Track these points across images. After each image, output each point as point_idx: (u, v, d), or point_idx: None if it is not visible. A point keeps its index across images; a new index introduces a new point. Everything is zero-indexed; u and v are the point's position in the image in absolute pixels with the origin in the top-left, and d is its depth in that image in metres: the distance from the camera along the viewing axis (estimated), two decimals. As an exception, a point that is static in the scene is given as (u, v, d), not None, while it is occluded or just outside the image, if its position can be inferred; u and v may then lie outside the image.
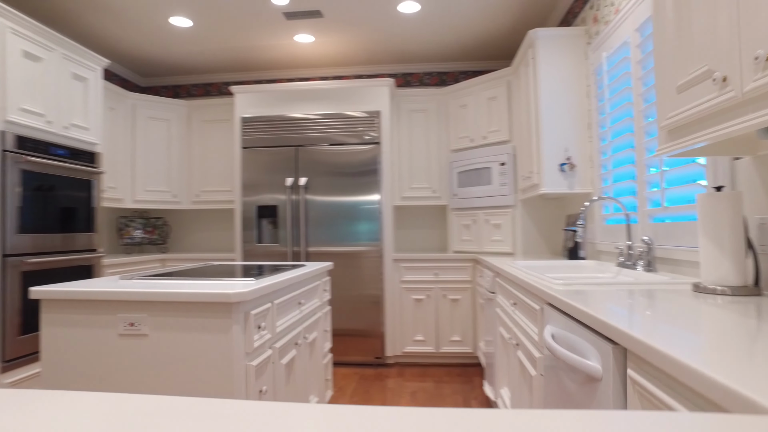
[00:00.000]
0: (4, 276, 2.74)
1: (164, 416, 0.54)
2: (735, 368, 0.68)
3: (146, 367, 1.69)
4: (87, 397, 0.62)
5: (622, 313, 1.14)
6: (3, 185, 2.75)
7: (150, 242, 4.63)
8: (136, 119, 4.41)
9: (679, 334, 0.90)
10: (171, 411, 0.56)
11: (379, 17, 3.78)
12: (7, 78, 2.80)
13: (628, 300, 1.35)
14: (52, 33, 3.11)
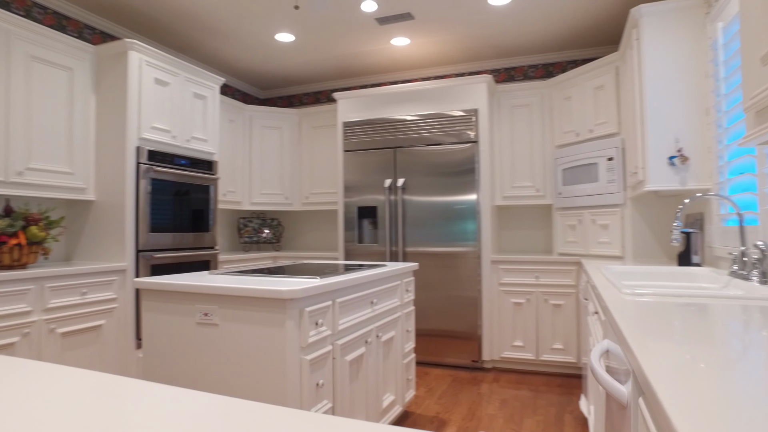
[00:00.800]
0: (138, 268, 3.23)
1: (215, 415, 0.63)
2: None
3: (216, 352, 1.88)
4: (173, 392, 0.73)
5: (664, 335, 1.00)
6: (137, 192, 3.24)
7: (266, 241, 5.07)
8: (253, 129, 4.86)
9: (727, 387, 0.61)
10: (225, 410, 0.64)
11: (469, 13, 3.70)
12: (142, 102, 3.29)
13: (701, 320, 1.17)
14: (177, 60, 3.57)
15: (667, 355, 0.79)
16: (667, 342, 0.88)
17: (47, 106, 3.05)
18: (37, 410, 0.62)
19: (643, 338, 0.91)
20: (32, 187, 2.95)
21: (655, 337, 0.92)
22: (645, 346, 0.85)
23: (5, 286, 2.53)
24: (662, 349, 0.83)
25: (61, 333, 2.79)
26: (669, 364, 0.73)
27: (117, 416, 0.61)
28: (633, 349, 0.83)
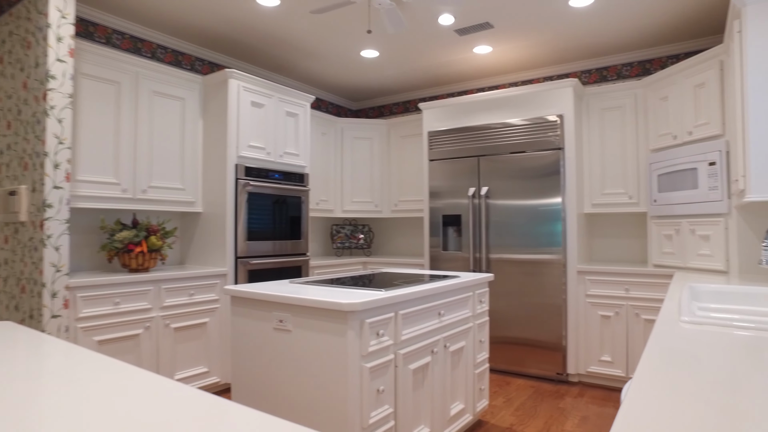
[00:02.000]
0: (237, 273, 3.61)
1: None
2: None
3: (289, 355, 2.10)
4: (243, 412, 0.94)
5: (682, 384, 1.00)
6: (236, 204, 3.63)
7: (357, 246, 5.33)
8: (344, 140, 5.14)
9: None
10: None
11: (550, 18, 3.62)
12: (240, 124, 3.68)
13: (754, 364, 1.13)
14: (271, 83, 3.93)
15: (656, 418, 0.72)
16: (679, 395, 0.81)
17: (164, 132, 3.53)
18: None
19: (649, 387, 0.89)
20: (153, 203, 3.44)
21: (666, 388, 0.85)
22: (640, 400, 0.78)
23: (132, 286, 3.01)
24: (660, 407, 0.75)
25: (174, 328, 3.23)
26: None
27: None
28: (621, 403, 0.84)
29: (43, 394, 0.89)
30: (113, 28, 3.67)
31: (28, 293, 2.74)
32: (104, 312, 2.88)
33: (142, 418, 0.76)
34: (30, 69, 2.84)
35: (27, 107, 2.86)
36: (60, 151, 2.71)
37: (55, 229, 2.67)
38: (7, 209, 2.94)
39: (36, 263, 2.68)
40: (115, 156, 3.24)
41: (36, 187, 2.73)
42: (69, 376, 1.00)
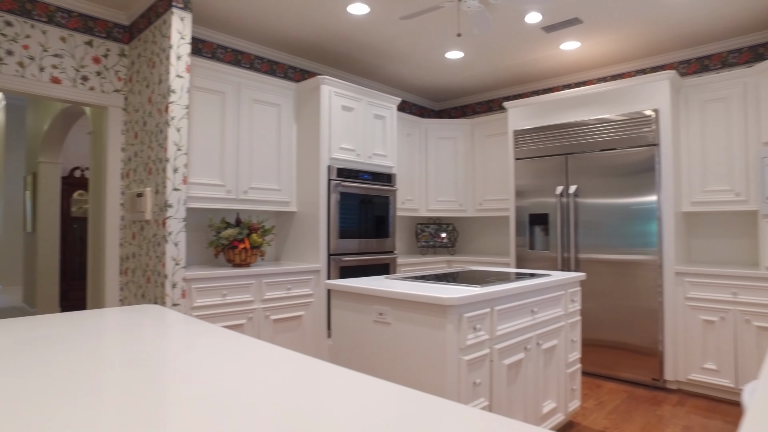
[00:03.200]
0: (329, 269, 3.80)
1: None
2: None
3: (389, 348, 2.21)
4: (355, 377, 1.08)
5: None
6: (329, 204, 3.82)
7: (441, 245, 5.39)
8: (428, 140, 5.22)
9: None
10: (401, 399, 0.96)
11: (644, 8, 3.47)
12: (332, 128, 3.87)
13: None
14: (360, 87, 4.10)
15: None
16: None
17: (262, 137, 3.80)
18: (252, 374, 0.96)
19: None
20: (253, 203, 3.72)
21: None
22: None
23: (237, 280, 3.27)
24: None
25: (273, 319, 3.47)
26: None
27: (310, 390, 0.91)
28: (745, 408, 0.85)
29: (216, 362, 1.04)
30: (218, 43, 4.00)
31: (153, 283, 3.07)
32: (214, 302, 3.16)
33: (296, 381, 0.89)
34: (154, 85, 3.19)
35: (151, 119, 3.20)
36: (178, 157, 3.01)
37: (175, 227, 2.97)
38: (134, 209, 3.31)
39: (159, 257, 3.00)
40: (220, 160, 3.53)
41: (159, 189, 3.06)
42: (225, 349, 1.16)
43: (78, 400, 0.81)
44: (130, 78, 3.55)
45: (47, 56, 3.28)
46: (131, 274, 3.39)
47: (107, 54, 3.54)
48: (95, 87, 3.48)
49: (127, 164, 3.55)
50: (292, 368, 1.01)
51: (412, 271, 4.67)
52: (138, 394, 0.84)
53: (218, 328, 1.41)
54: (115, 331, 1.37)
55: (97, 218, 3.93)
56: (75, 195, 6.71)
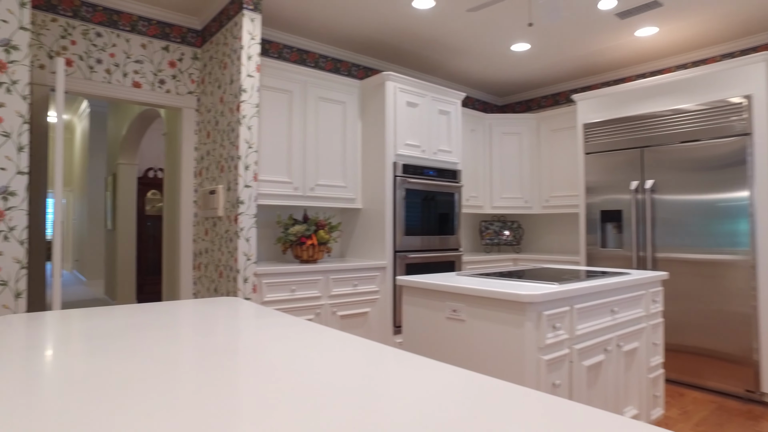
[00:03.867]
0: (395, 266, 3.79)
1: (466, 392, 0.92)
2: None
3: (462, 344, 2.15)
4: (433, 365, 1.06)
5: None
6: (395, 201, 3.80)
7: (506, 243, 5.25)
8: (492, 136, 5.10)
9: None
10: (477, 388, 0.94)
11: (738, -13, 3.21)
12: (397, 124, 3.85)
13: None
14: (424, 83, 4.05)
15: None
16: None
17: (328, 134, 3.84)
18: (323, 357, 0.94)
19: None
20: (320, 200, 3.76)
21: None
22: None
23: (305, 276, 3.32)
24: None
25: (340, 315, 3.49)
26: None
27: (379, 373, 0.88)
28: None
29: (309, 353, 1.04)
30: (284, 43, 4.08)
31: (225, 278, 3.17)
32: (283, 297, 3.21)
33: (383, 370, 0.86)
34: (226, 85, 3.29)
35: (223, 118, 3.31)
36: (249, 155, 3.09)
37: (246, 223, 3.05)
38: (207, 206, 3.43)
39: (231, 252, 3.09)
40: (288, 158, 3.60)
41: (230, 186, 3.15)
42: (317, 340, 1.15)
43: (183, 384, 0.82)
44: (203, 80, 3.68)
45: (130, 62, 3.46)
46: (204, 269, 3.51)
47: (182, 58, 3.69)
48: (171, 90, 3.63)
49: (199, 163, 3.68)
50: (393, 364, 0.98)
51: (478, 268, 4.58)
52: (244, 381, 0.84)
53: (303, 320, 1.42)
54: (203, 320, 1.40)
55: (171, 215, 4.11)
56: (149, 194, 7.09)
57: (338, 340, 1.16)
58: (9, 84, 2.39)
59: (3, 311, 2.33)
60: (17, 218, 2.38)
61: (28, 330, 1.25)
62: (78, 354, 1.00)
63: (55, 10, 3.19)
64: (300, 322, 1.39)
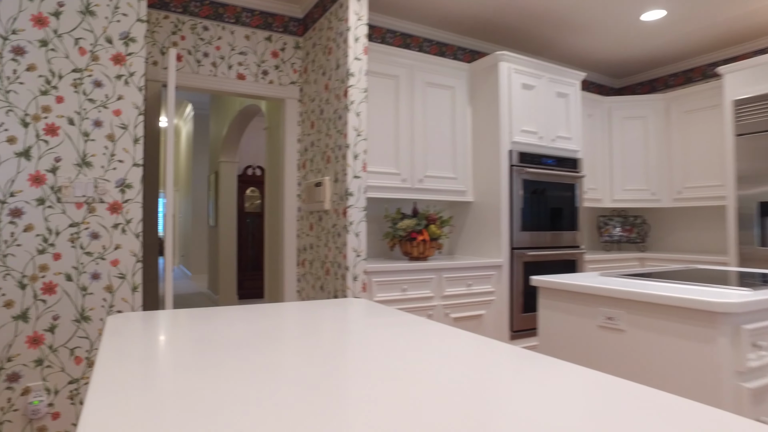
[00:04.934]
0: (512, 265, 3.43)
1: (633, 404, 0.62)
2: None
3: (621, 360, 1.77)
4: (574, 369, 0.76)
5: None
6: (511, 193, 3.44)
7: (628, 240, 4.68)
8: (612, 121, 4.55)
9: None
10: (648, 403, 0.63)
11: None
12: (513, 108, 3.49)
13: None
14: (540, 62, 3.65)
15: None
16: None
17: (436, 122, 3.55)
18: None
19: None
20: (429, 192, 3.49)
21: None
22: None
23: (416, 274, 3.06)
24: None
25: (453, 318, 3.20)
26: None
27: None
28: None
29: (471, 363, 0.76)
30: (387, 28, 3.85)
31: (332, 275, 2.99)
32: (394, 297, 2.98)
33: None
34: (331, 71, 3.11)
35: (328, 106, 3.14)
36: (358, 143, 2.88)
37: (355, 216, 2.85)
38: (312, 199, 3.29)
39: (339, 248, 2.91)
40: (395, 147, 3.36)
41: (338, 178, 2.96)
42: (476, 351, 0.87)
43: (354, 382, 0.57)
44: (305, 69, 3.55)
45: (234, 54, 3.40)
46: (309, 265, 3.37)
47: (284, 47, 3.58)
48: (274, 80, 3.54)
49: (303, 155, 3.56)
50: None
51: (602, 268, 4.08)
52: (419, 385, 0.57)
53: (451, 327, 1.14)
54: (334, 327, 1.17)
55: (273, 210, 4.04)
56: (248, 191, 7.24)
57: (508, 353, 0.86)
58: (127, 76, 2.35)
59: (121, 304, 2.29)
60: (133, 211, 2.34)
61: (144, 334, 1.08)
62: (197, 368, 0.79)
63: (167, 7, 3.18)
64: (452, 330, 1.11)
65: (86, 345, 2.21)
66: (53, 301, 2.16)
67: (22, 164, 2.14)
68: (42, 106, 2.18)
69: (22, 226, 2.12)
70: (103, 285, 2.25)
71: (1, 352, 2.07)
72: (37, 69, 2.19)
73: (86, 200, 2.23)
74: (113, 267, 2.27)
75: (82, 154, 2.24)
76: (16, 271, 2.10)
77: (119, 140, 2.31)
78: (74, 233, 2.21)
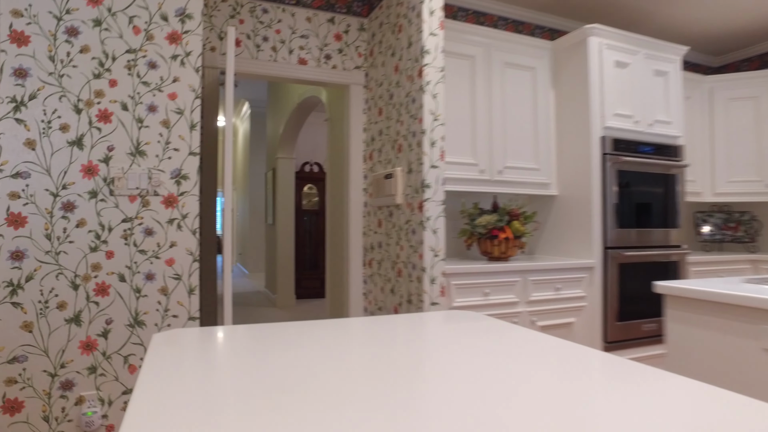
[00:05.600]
0: (605, 266, 3.00)
1: None
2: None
3: (805, 397, 1.36)
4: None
5: None
6: (603, 185, 3.01)
7: (733, 239, 4.10)
8: (714, 104, 3.99)
9: None
10: None
11: None
12: (605, 89, 3.06)
13: None
14: (635, 37, 3.19)
15: None
16: None
17: (516, 107, 3.17)
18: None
19: None
20: (508, 185, 3.11)
21: None
22: None
23: (499, 276, 2.70)
24: None
25: (540, 326, 2.82)
26: None
27: None
28: None
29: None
30: (458, 5, 3.51)
31: (405, 277, 2.69)
32: (475, 303, 2.63)
33: None
34: (401, 51, 2.80)
35: (399, 90, 2.83)
36: (435, 128, 2.56)
37: (433, 211, 2.52)
38: (380, 193, 2.99)
39: (414, 247, 2.59)
40: (471, 135, 3.01)
41: (412, 168, 2.65)
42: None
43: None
44: (371, 52, 3.26)
45: (295, 38, 3.16)
46: (377, 265, 3.08)
47: (347, 30, 3.31)
48: (337, 65, 3.27)
49: (369, 145, 3.27)
50: None
51: (706, 272, 3.55)
52: None
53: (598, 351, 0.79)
54: (474, 338, 0.85)
55: (336, 206, 3.79)
56: (305, 189, 7.07)
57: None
58: (183, 56, 2.14)
59: (177, 308, 2.07)
60: (189, 204, 2.12)
61: (194, 362, 0.80)
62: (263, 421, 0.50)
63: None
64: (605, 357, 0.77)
65: (140, 352, 2.01)
66: (106, 303, 1.96)
67: (75, 154, 1.96)
68: (95, 91, 2.00)
69: (74, 222, 1.94)
70: (157, 287, 2.04)
71: (55, 358, 1.90)
72: (91, 51, 2.00)
73: (140, 193, 2.03)
74: (168, 267, 2.06)
75: (136, 142, 2.04)
76: (68, 270, 1.92)
77: (174, 126, 2.10)
78: (127, 229, 2.01)
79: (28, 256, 1.87)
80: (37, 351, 1.87)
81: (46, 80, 1.93)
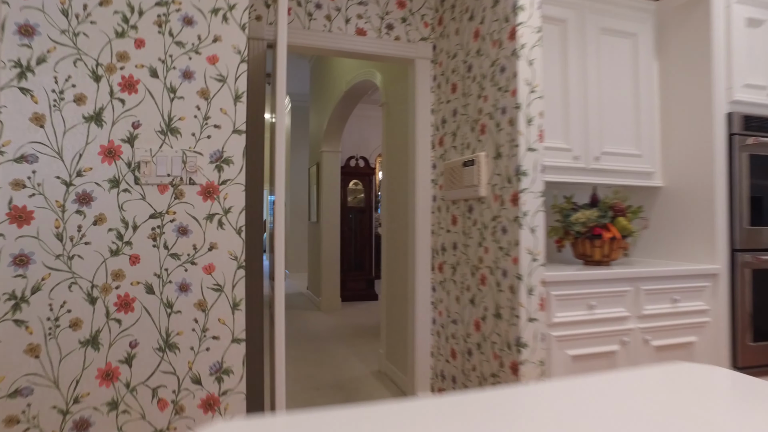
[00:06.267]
0: (733, 273, 2.42)
1: None
2: None
3: None
4: None
5: None
6: (730, 172, 2.44)
7: None
8: None
9: None
10: None
11: None
12: (732, 54, 2.48)
13: None
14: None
15: None
16: None
17: (614, 81, 2.63)
18: None
19: None
20: (606, 174, 2.58)
21: None
22: None
23: (607, 285, 2.18)
24: None
25: (655, 346, 2.27)
26: None
27: None
28: None
29: None
30: (539, -35, 2.97)
31: (491, 286, 2.19)
32: (578, 318, 2.12)
33: None
34: (484, 12, 2.31)
35: (479, 59, 2.34)
36: (532, 102, 2.05)
37: (531, 205, 2.02)
38: (458, 184, 2.50)
39: (506, 249, 2.10)
40: (564, 114, 2.48)
41: (500, 152, 2.15)
42: None
43: None
44: (440, 20, 2.78)
45: (352, 5, 2.71)
46: (450, 271, 2.60)
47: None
48: (400, 36, 2.80)
49: (439, 129, 2.79)
50: None
51: None
52: None
53: None
54: None
55: (396, 200, 3.33)
56: (350, 185, 6.65)
57: None
58: (226, 9, 1.71)
59: (218, 327, 1.65)
60: (234, 196, 1.69)
61: None
62: None
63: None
64: None
65: (172, 384, 1.59)
66: (130, 321, 1.56)
67: (93, 132, 1.56)
68: (117, 53, 1.60)
69: (91, 218, 1.54)
70: (193, 300, 1.62)
71: (67, 390, 1.51)
72: (113, 3, 1.60)
73: (172, 181, 1.62)
74: (207, 275, 1.64)
75: (168, 117, 1.63)
76: (84, 279, 1.53)
77: (215, 98, 1.68)
78: (156, 227, 1.60)
79: (35, 261, 1.48)
80: (45, 382, 1.48)
81: (57, 39, 1.54)
